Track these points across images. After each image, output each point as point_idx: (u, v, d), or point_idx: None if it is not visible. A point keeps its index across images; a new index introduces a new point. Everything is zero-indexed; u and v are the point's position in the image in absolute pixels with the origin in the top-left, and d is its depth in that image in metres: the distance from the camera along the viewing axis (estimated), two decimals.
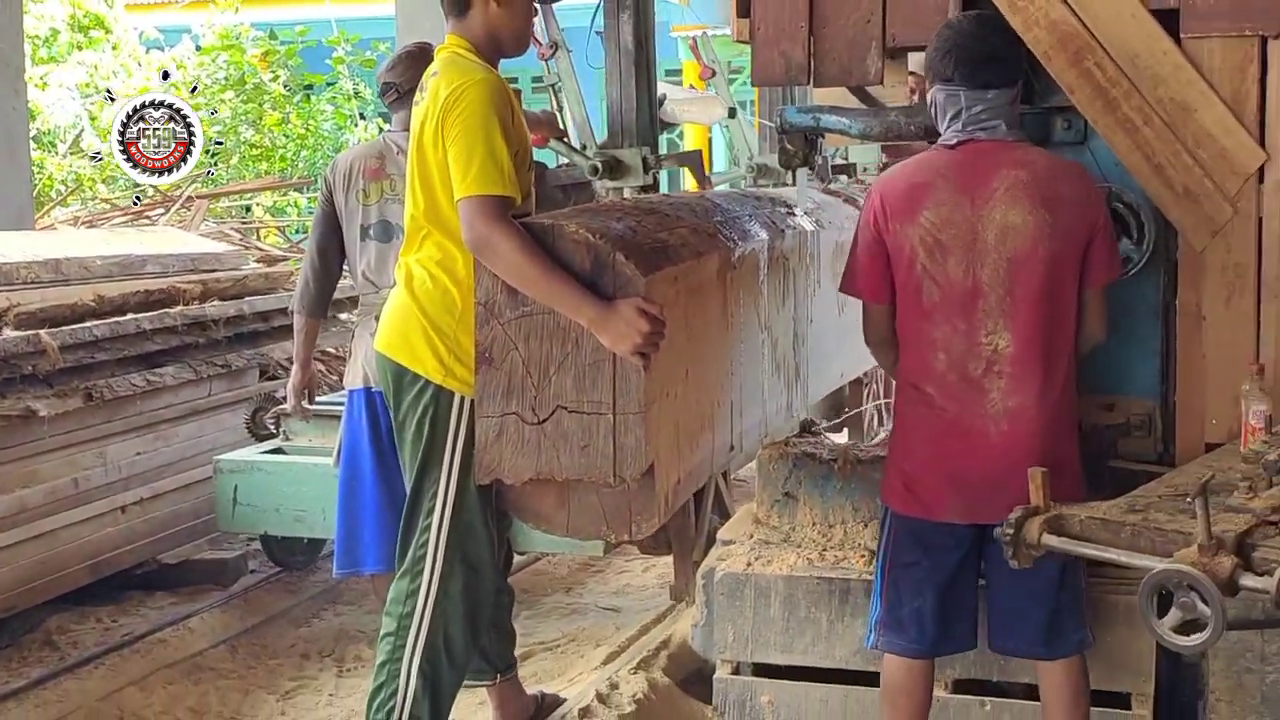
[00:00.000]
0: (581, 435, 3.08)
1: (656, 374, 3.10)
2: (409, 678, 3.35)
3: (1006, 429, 3.27)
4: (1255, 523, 2.72)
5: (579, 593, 5.64)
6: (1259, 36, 3.56)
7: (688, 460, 3.39)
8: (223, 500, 5.34)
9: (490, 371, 3.11)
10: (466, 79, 3.25)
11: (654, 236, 3.31)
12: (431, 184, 3.34)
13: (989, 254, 3.25)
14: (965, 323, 3.26)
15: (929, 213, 3.26)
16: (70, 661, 4.74)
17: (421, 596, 3.37)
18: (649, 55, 4.94)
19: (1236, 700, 3.70)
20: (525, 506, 3.25)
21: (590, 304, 3.01)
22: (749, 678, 3.98)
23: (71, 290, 5.50)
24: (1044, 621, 3.38)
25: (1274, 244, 3.61)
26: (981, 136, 3.29)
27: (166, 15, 13.92)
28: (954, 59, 3.31)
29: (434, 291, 3.38)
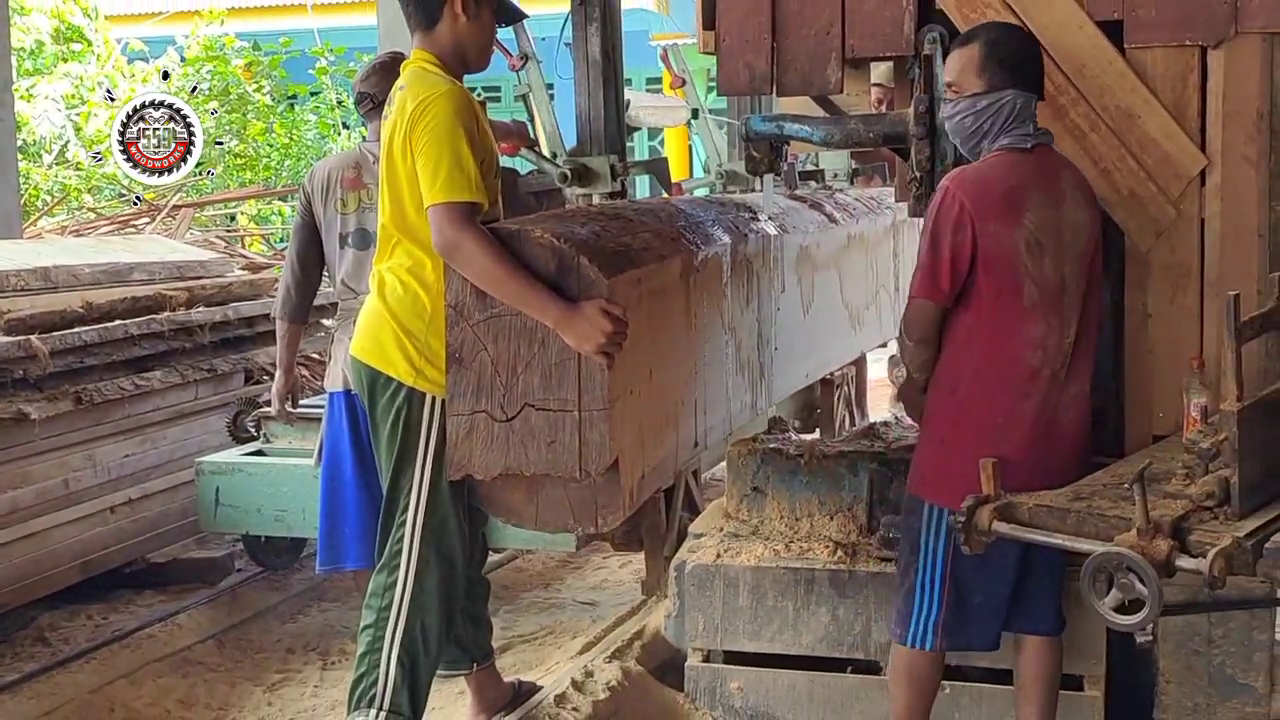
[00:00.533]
0: (548, 432, 3.18)
1: (620, 373, 3.19)
2: (388, 667, 3.46)
3: (1074, 415, 3.43)
4: (1191, 508, 2.88)
5: (556, 588, 5.77)
6: (1199, 47, 3.73)
7: (652, 456, 3.48)
8: (205, 501, 5.42)
9: (460, 371, 3.21)
10: (432, 91, 3.34)
11: (618, 240, 3.41)
12: (400, 194, 3.43)
13: (1066, 252, 3.38)
14: (1057, 319, 3.37)
15: (1031, 214, 3.33)
16: (62, 656, 4.85)
17: (399, 590, 3.47)
18: (616, 66, 5.06)
19: (1185, 681, 3.85)
20: (495, 501, 3.35)
21: (555, 305, 3.11)
22: (719, 665, 4.13)
23: (60, 297, 5.62)
24: (1057, 599, 3.55)
25: (1215, 244, 3.77)
26: (1045, 140, 3.45)
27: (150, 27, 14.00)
28: (1031, 69, 3.44)
29: (404, 297, 3.47)
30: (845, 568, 4.03)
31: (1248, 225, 3.74)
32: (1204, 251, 3.80)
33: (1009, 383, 3.38)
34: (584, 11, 4.98)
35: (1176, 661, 3.85)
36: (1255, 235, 3.74)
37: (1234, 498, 2.81)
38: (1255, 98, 3.71)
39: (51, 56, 12.50)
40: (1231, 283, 3.61)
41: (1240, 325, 2.89)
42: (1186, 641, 3.84)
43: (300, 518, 5.27)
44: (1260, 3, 3.66)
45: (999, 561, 3.39)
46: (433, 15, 3.48)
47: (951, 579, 3.47)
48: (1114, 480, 3.20)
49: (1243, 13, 3.68)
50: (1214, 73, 3.74)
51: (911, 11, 3.93)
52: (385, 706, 3.46)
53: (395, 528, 3.49)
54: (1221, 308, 3.25)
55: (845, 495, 4.23)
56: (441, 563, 3.49)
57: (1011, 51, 3.45)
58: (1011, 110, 3.41)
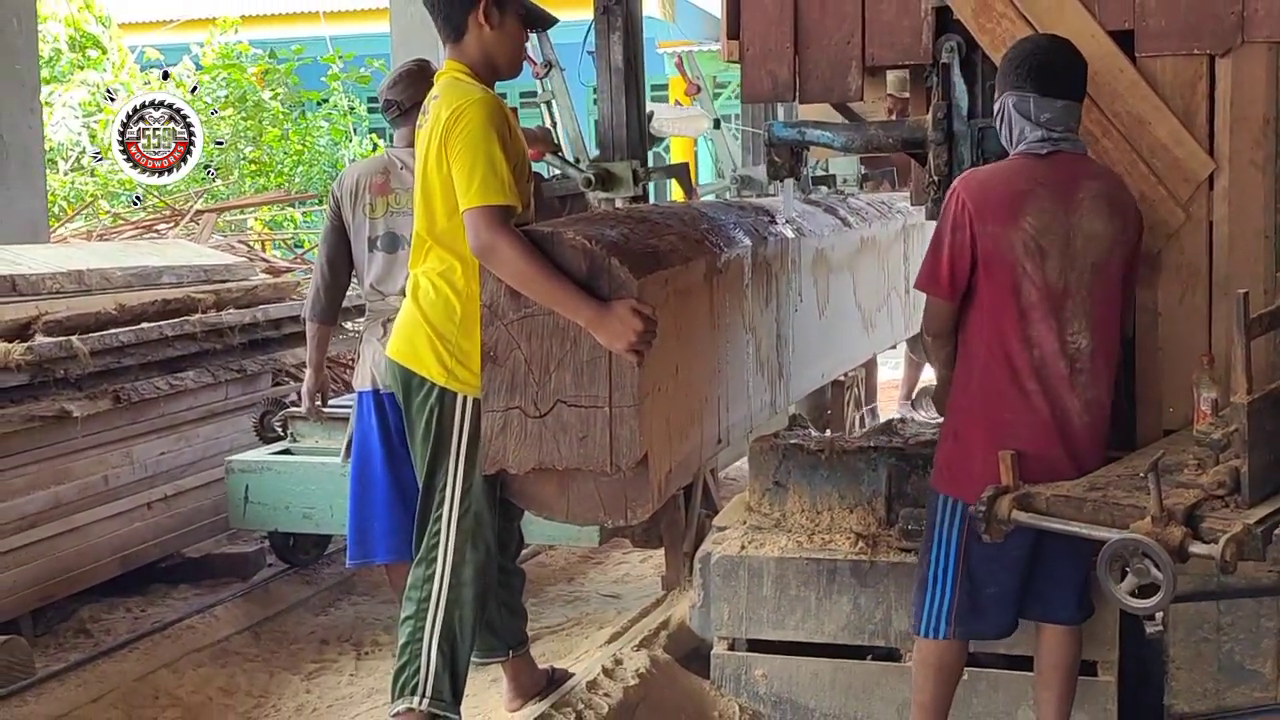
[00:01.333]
0: (580, 427, 3.27)
1: (649, 370, 3.28)
2: (430, 657, 3.57)
3: (1089, 420, 3.50)
4: (1203, 496, 2.99)
5: (580, 582, 5.89)
6: (1207, 55, 3.86)
7: (678, 451, 3.58)
8: (234, 499, 5.53)
9: (495, 369, 3.30)
10: (465, 99, 3.43)
11: (645, 243, 3.51)
12: (432, 201, 3.52)
13: (1076, 259, 3.45)
14: (1057, 321, 3.45)
15: (1031, 218, 3.43)
16: (105, 646, 4.97)
17: (437, 582, 3.57)
18: (638, 73, 5.16)
19: (1195, 668, 3.96)
20: (528, 494, 3.45)
21: (588, 305, 3.21)
22: (744, 653, 4.26)
23: (94, 300, 5.73)
24: (1080, 588, 3.64)
25: (1223, 246, 3.89)
26: (1066, 148, 3.49)
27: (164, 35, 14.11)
28: (1028, 67, 3.49)
29: (436, 301, 3.57)
30: (866, 558, 4.14)
31: (1254, 227, 3.86)
32: (1212, 253, 3.92)
33: (1012, 381, 3.48)
34: (607, 20, 5.08)
35: (1186, 649, 3.96)
36: (1262, 237, 3.86)
37: (1244, 487, 2.92)
38: (1262, 104, 3.83)
39: (68, 64, 12.60)
40: (1239, 283, 3.69)
41: (1249, 321, 3.00)
42: (1196, 629, 3.95)
43: (327, 515, 5.38)
44: (1266, 13, 3.79)
45: (1011, 553, 3.50)
46: (459, 27, 3.58)
47: (965, 569, 3.57)
48: (1128, 471, 3.31)
49: (1249, 23, 3.80)
50: (1222, 80, 3.86)
51: (929, 22, 4.07)
52: (428, 694, 3.56)
53: (432, 522, 3.59)
54: (1229, 307, 3.39)
55: (865, 489, 4.34)
56: (476, 555, 3.59)
57: (1013, 58, 3.55)
58: (1008, 114, 3.52)
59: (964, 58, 4.06)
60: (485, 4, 3.55)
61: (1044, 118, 3.47)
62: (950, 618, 3.61)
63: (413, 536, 3.69)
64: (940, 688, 3.70)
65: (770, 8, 4.20)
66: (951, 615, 3.60)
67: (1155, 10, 3.87)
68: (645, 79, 5.31)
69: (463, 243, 3.44)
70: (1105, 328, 3.52)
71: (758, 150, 6.78)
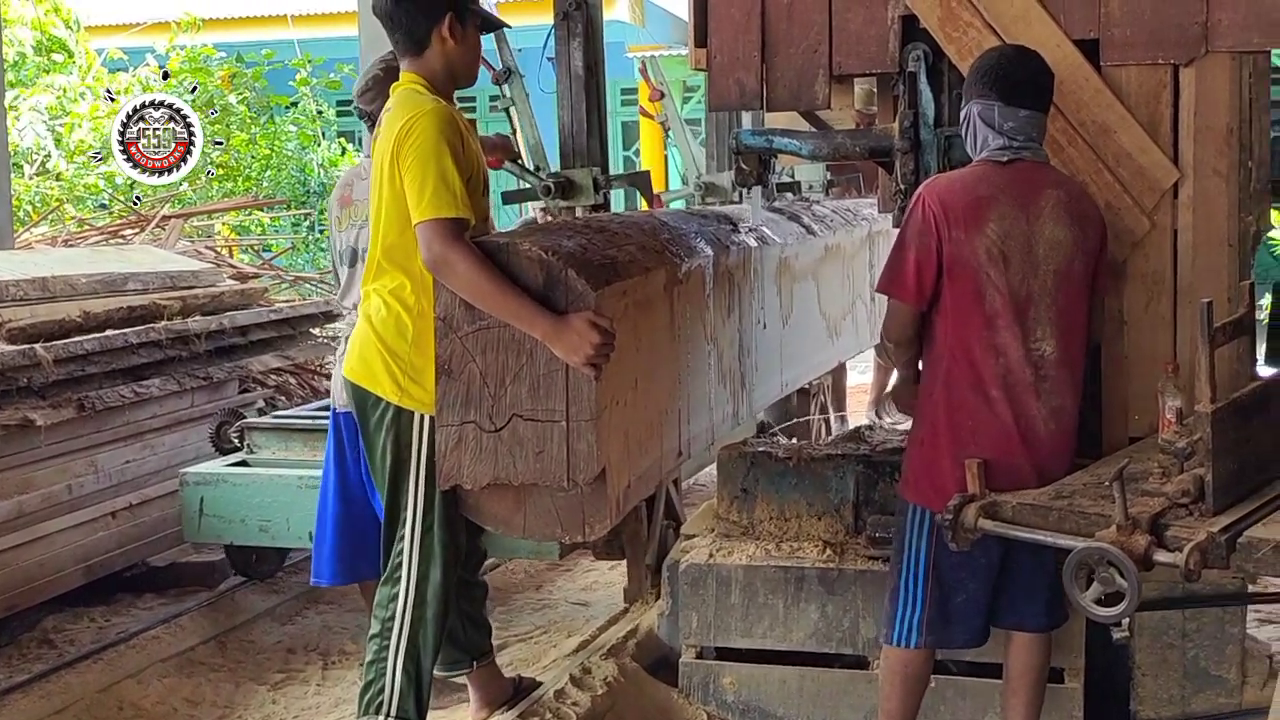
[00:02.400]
0: (536, 442, 3.23)
1: (607, 383, 3.26)
2: (395, 675, 3.55)
3: (1054, 428, 3.51)
4: (1167, 505, 3.00)
5: (548, 590, 5.88)
6: (1171, 65, 3.88)
7: (638, 465, 3.55)
8: (189, 511, 5.39)
9: (449, 382, 3.26)
10: (417, 111, 3.39)
11: (603, 253, 3.48)
12: (385, 215, 3.49)
13: (1039, 266, 3.47)
14: (1021, 329, 3.47)
15: (994, 225, 3.45)
16: (69, 657, 4.92)
17: (401, 602, 3.55)
18: (599, 79, 5.10)
19: (1161, 674, 4.00)
20: (483, 510, 3.41)
21: (543, 318, 3.18)
22: (712, 661, 4.25)
23: (59, 307, 5.70)
24: (1051, 595, 3.62)
25: (1187, 254, 3.91)
26: (1028, 156, 3.52)
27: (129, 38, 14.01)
28: (994, 77, 3.52)
29: (387, 318, 3.53)
30: (834, 566, 4.16)
31: (1218, 236, 3.89)
32: (1177, 261, 3.94)
33: (976, 388, 3.50)
34: (567, 26, 5.02)
35: (1152, 655, 3.99)
36: (1225, 245, 3.89)
37: (1208, 495, 2.93)
38: (1225, 113, 3.86)
39: (34, 68, 12.51)
40: (1203, 291, 3.75)
41: (1214, 330, 3.01)
42: (1161, 635, 3.98)
43: (284, 528, 5.27)
44: (1229, 23, 3.81)
45: (979, 561, 3.51)
46: (421, 41, 3.55)
47: (934, 577, 3.58)
48: (1093, 479, 3.33)
49: (1213, 32, 3.83)
50: (1186, 90, 3.88)
51: (896, 30, 4.08)
52: (393, 713, 3.56)
53: (395, 541, 3.57)
54: (1194, 315, 3.40)
55: (832, 496, 4.35)
56: (437, 573, 3.57)
57: (979, 68, 3.58)
58: (973, 122, 3.55)
59: (930, 66, 4.07)
60: (450, 18, 3.53)
61: (1007, 126, 3.50)
62: (922, 627, 3.61)
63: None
64: (908, 697, 3.70)
65: (737, 16, 4.20)
66: (923, 624, 3.61)
67: (1120, 20, 3.89)
68: (606, 85, 5.26)
69: (413, 259, 3.41)
70: (1069, 335, 3.52)
71: (723, 157, 6.74)
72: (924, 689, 3.74)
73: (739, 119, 6.42)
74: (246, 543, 5.53)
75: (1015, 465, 3.44)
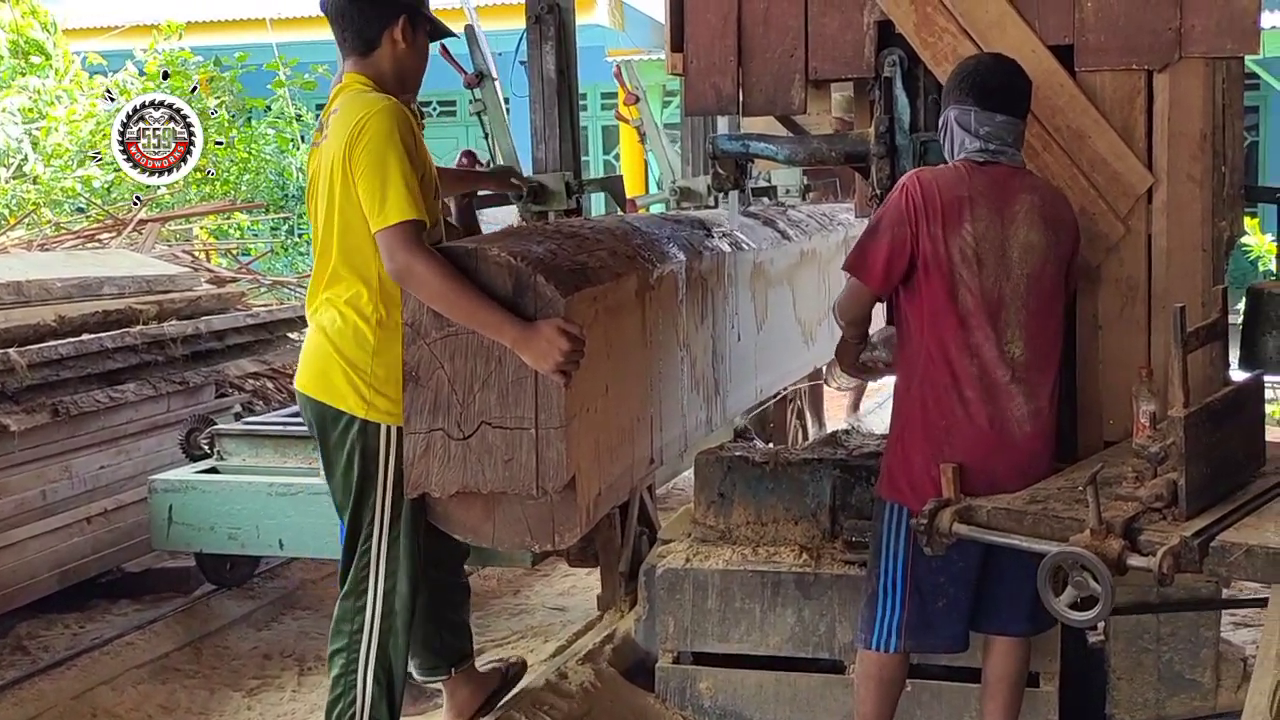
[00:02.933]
0: (505, 449, 3.19)
1: (577, 390, 3.22)
2: (366, 687, 3.49)
3: (1030, 430, 3.51)
4: (1141, 509, 3.01)
5: (526, 594, 5.88)
6: (1145, 71, 3.90)
7: (608, 473, 3.51)
8: (157, 519, 5.32)
9: (417, 390, 3.21)
10: (368, 110, 3.30)
11: (573, 259, 3.44)
12: (336, 219, 3.37)
13: (1012, 269, 3.49)
14: (993, 331, 3.48)
15: (970, 226, 3.47)
16: (43, 664, 4.91)
17: (368, 615, 3.48)
18: (571, 83, 5.05)
19: (1136, 678, 4.02)
20: (452, 519, 3.36)
21: (512, 325, 3.13)
22: (689, 666, 4.26)
23: (34, 311, 5.69)
24: (1032, 600, 3.52)
25: (1161, 259, 3.94)
26: (1004, 160, 3.53)
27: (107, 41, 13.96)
28: (971, 83, 3.54)
29: (345, 329, 3.40)
30: (810, 570, 4.16)
31: (1192, 241, 3.91)
32: (1151, 266, 3.96)
33: (951, 388, 3.50)
34: (539, 29, 4.97)
35: (1127, 659, 4.01)
36: (1199, 250, 3.91)
37: (1181, 499, 2.95)
38: (1199, 119, 3.88)
39: (9, 70, 12.44)
40: (1177, 296, 3.78)
41: (1186, 336, 3.03)
42: (1136, 639, 4.00)
43: (254, 536, 5.21)
44: (1202, 29, 3.84)
45: (958, 564, 3.51)
46: (371, 42, 3.48)
47: (912, 582, 3.57)
48: (1068, 484, 3.34)
49: (1186, 38, 3.85)
50: (1160, 95, 3.91)
51: (872, 36, 4.10)
52: None
53: (359, 555, 3.49)
54: (1168, 319, 3.41)
55: (809, 501, 4.36)
56: (405, 584, 3.51)
57: (958, 74, 3.60)
58: (950, 127, 3.57)
59: (906, 71, 4.09)
60: (404, 22, 3.48)
61: (984, 130, 3.51)
62: (901, 631, 3.61)
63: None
64: (883, 702, 3.70)
65: (714, 21, 4.21)
66: (902, 629, 3.60)
67: (1094, 26, 3.91)
68: (579, 89, 5.22)
69: (370, 266, 3.34)
70: (1041, 339, 3.54)
71: (698, 161, 6.72)
72: (899, 693, 3.73)
73: (714, 124, 6.42)
74: (216, 551, 5.47)
75: (992, 467, 3.44)
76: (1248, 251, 9.60)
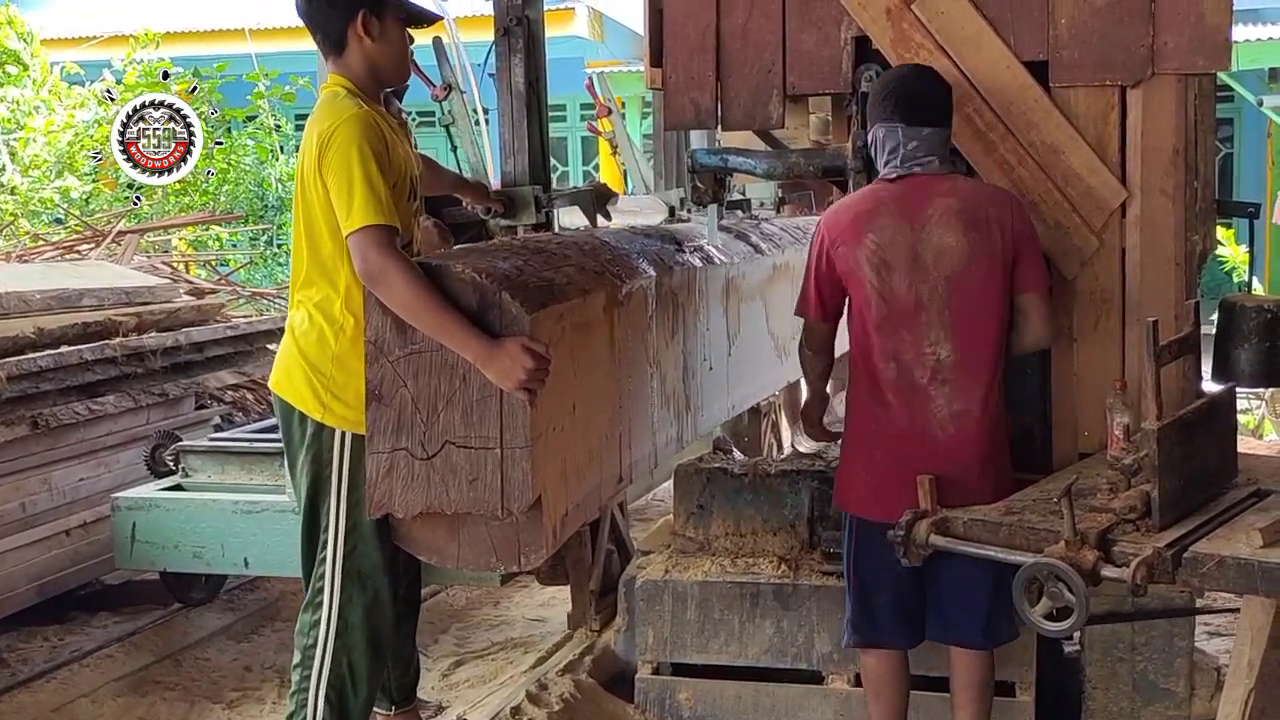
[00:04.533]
0: (470, 469, 3.12)
1: (543, 409, 3.15)
2: (317, 706, 3.41)
3: (953, 432, 3.58)
4: (1115, 520, 3.04)
5: (505, 606, 5.88)
6: (1119, 86, 3.95)
7: (575, 492, 3.44)
8: (120, 538, 5.24)
9: (380, 408, 3.14)
10: (337, 118, 3.29)
11: (540, 275, 3.37)
12: (304, 224, 3.38)
13: (928, 272, 3.57)
14: (910, 334, 3.57)
15: (873, 235, 3.59)
16: (23, 676, 4.90)
17: (323, 628, 3.41)
18: (541, 96, 4.99)
19: (1111, 687, 4.04)
20: (416, 540, 3.30)
21: (477, 340, 3.06)
22: (668, 677, 4.29)
23: (12, 323, 5.67)
24: (986, 612, 3.67)
25: (1135, 272, 3.98)
26: (918, 170, 3.62)
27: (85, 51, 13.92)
28: (894, 100, 3.64)
29: (310, 332, 3.41)
30: (789, 581, 4.20)
31: (1165, 255, 3.95)
32: (1125, 279, 4.00)
33: (873, 393, 3.64)
34: (507, 41, 4.89)
35: (1102, 668, 4.04)
36: (1172, 264, 3.95)
37: (1155, 511, 2.98)
38: (1171, 134, 3.93)
39: None
40: (1150, 309, 3.82)
41: (1159, 349, 3.06)
42: (1111, 649, 4.03)
43: (219, 554, 5.16)
44: (1175, 46, 3.88)
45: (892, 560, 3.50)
46: (339, 41, 3.45)
47: (856, 577, 3.72)
48: (1043, 495, 3.37)
49: (1159, 55, 3.90)
50: (1133, 111, 3.95)
51: (849, 51, 4.14)
52: None
53: (316, 564, 3.44)
54: (1142, 333, 3.44)
55: (788, 512, 4.39)
56: (364, 597, 3.43)
57: (878, 91, 3.72)
58: (878, 143, 3.68)
59: None
60: (364, 15, 3.44)
61: (909, 145, 3.62)
62: (851, 626, 3.76)
63: None
64: (876, 699, 3.79)
65: (692, 36, 4.24)
66: (851, 624, 3.75)
67: (1069, 42, 3.95)
68: (548, 101, 5.12)
69: (339, 270, 3.35)
70: (970, 340, 3.59)
71: (671, 174, 6.70)
72: (895, 693, 3.78)
73: (688, 137, 6.40)
74: (180, 569, 5.40)
75: (914, 470, 3.48)
76: (1223, 263, 9.66)
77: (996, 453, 3.65)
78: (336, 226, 3.27)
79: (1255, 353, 3.82)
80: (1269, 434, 8.36)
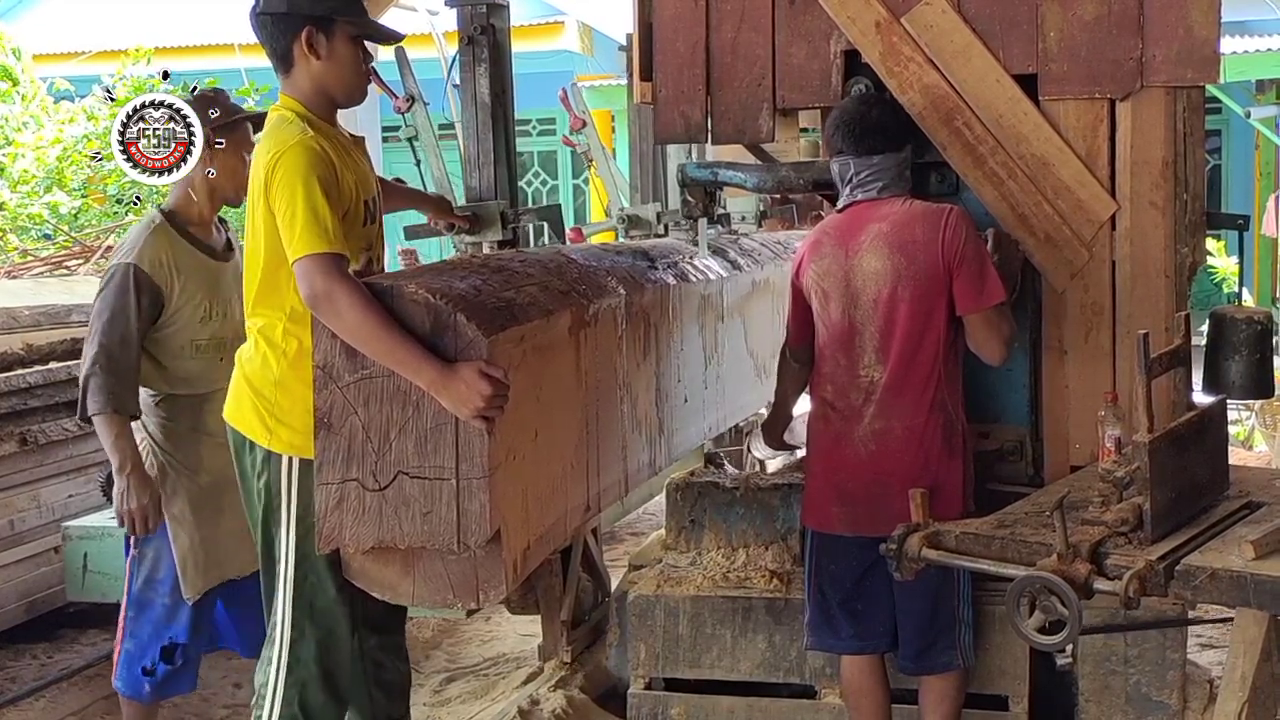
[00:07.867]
0: (424, 501, 2.98)
1: (502, 437, 3.01)
2: None
3: (875, 449, 3.67)
4: (1107, 533, 3.04)
5: (497, 621, 5.87)
6: (1108, 99, 3.95)
7: (538, 524, 3.29)
8: (72, 568, 5.01)
9: (330, 437, 2.99)
10: (281, 146, 3.16)
11: (499, 295, 3.23)
12: (259, 249, 3.26)
13: (859, 297, 3.68)
14: (846, 358, 3.71)
15: (815, 265, 3.75)
16: (11, 695, 4.89)
17: (275, 664, 3.27)
18: (507, 108, 4.90)
19: (1104, 700, 4.04)
20: (368, 575, 3.13)
21: (430, 365, 2.92)
22: (661, 692, 4.26)
23: (0, 339, 5.67)
24: (916, 641, 3.76)
25: (1126, 284, 3.98)
26: (860, 197, 3.73)
27: (75, 66, 13.92)
28: (841, 132, 3.74)
29: (254, 357, 3.32)
30: (781, 596, 4.18)
31: (1155, 267, 3.96)
32: (1115, 292, 4.01)
33: (819, 412, 3.82)
34: (472, 50, 4.79)
35: (1095, 681, 4.04)
36: (1162, 276, 3.96)
37: (1147, 523, 2.97)
38: (1161, 147, 3.93)
39: None
40: (1141, 321, 3.84)
41: (1150, 362, 3.06)
42: (1104, 662, 4.03)
43: None
44: (1163, 58, 3.89)
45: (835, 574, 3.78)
46: (286, 60, 3.32)
47: (815, 583, 3.84)
48: (1035, 509, 3.36)
49: (1148, 68, 3.91)
50: (1122, 123, 3.96)
51: (839, 65, 4.15)
52: None
53: (272, 596, 3.31)
54: (1133, 345, 3.45)
55: (779, 526, 4.38)
56: (317, 631, 3.28)
57: (833, 124, 3.79)
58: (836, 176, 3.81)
59: None
60: (308, 33, 3.29)
61: (860, 175, 3.72)
62: (807, 629, 3.89)
63: None
64: (856, 714, 3.84)
65: (682, 51, 4.25)
66: (809, 626, 3.88)
67: (1058, 56, 3.96)
68: (514, 113, 5.01)
69: (284, 296, 3.23)
70: (901, 360, 3.66)
71: (647, 188, 6.64)
72: (873, 703, 3.82)
73: (665, 150, 6.35)
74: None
75: (840, 484, 3.73)
76: (1213, 273, 9.68)
77: (930, 472, 3.63)
78: (283, 253, 3.15)
79: (1245, 365, 3.84)
80: (1259, 445, 8.37)
